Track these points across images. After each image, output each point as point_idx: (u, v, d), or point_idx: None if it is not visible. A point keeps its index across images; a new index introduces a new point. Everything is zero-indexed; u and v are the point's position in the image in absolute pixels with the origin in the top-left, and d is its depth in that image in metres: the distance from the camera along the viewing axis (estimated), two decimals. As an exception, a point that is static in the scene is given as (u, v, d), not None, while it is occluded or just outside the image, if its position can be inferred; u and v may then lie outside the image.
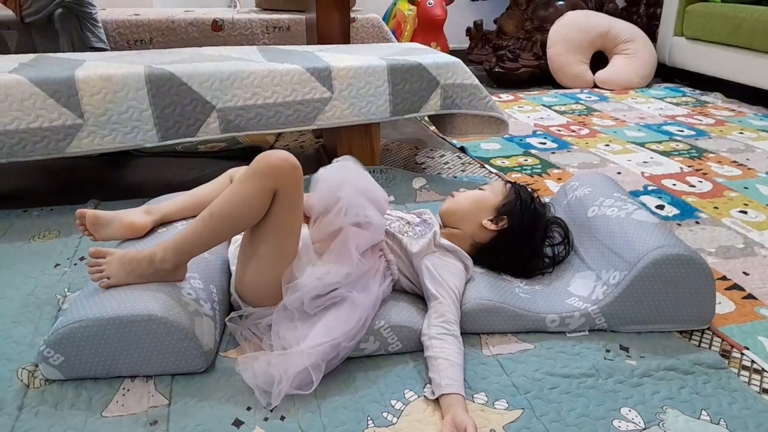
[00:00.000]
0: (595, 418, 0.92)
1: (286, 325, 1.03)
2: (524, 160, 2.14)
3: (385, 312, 1.09)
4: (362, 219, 1.09)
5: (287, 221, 1.04)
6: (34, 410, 0.93)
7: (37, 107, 1.49)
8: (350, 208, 1.08)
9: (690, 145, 2.30)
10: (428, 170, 2.05)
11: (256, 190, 1.00)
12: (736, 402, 0.96)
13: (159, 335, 0.98)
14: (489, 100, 1.84)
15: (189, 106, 1.59)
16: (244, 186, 1.01)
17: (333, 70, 1.68)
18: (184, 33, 2.68)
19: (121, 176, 2.03)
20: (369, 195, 1.14)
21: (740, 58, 2.98)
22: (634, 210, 1.25)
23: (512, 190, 1.27)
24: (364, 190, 1.13)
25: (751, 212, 1.70)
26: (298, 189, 1.04)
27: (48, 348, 0.97)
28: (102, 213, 1.20)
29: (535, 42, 3.45)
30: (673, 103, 3.00)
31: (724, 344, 1.12)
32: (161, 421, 0.91)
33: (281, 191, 1.01)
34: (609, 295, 1.12)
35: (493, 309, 1.12)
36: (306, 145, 2.35)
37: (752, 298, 1.28)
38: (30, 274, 1.31)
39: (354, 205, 1.09)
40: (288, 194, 1.02)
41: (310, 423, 0.91)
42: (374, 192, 1.16)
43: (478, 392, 0.98)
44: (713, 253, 1.47)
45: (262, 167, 1.01)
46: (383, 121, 1.77)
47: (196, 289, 1.08)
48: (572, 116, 2.75)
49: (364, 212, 1.10)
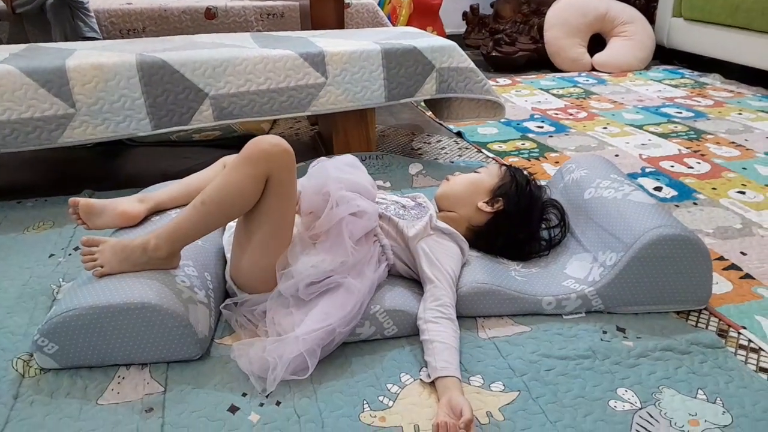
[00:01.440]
0: (592, 399, 0.92)
1: (281, 312, 1.03)
2: (521, 144, 2.13)
3: (380, 296, 1.09)
4: (355, 209, 1.09)
5: (281, 207, 1.03)
6: (30, 399, 0.93)
7: (29, 97, 1.48)
8: (340, 202, 1.08)
9: (688, 127, 2.29)
10: (425, 156, 2.04)
11: (248, 176, 0.99)
12: (733, 381, 0.96)
13: (153, 323, 0.97)
14: (485, 84, 1.82)
15: (182, 94, 1.57)
16: (236, 172, 1.00)
17: (327, 55, 1.66)
18: (177, 21, 2.65)
19: (115, 166, 2.02)
20: (355, 186, 1.14)
21: (739, 39, 2.96)
22: (630, 191, 1.24)
23: (507, 172, 1.26)
24: (348, 183, 1.13)
25: (749, 192, 1.69)
26: (291, 174, 1.03)
27: (42, 337, 0.96)
28: (95, 201, 1.19)
29: (532, 26, 3.42)
30: (671, 85, 2.98)
31: (721, 324, 1.11)
32: (157, 408, 0.91)
33: (274, 177, 1.00)
34: (605, 277, 1.12)
35: (489, 292, 1.11)
36: (301, 132, 2.34)
37: (750, 278, 1.27)
38: (25, 264, 1.30)
39: (343, 198, 1.08)
40: (281, 179, 1.01)
41: (306, 408, 0.91)
42: (359, 182, 1.15)
43: (474, 375, 0.98)
44: (711, 234, 1.46)
45: (254, 153, 1.00)
46: (378, 106, 1.76)
47: (191, 276, 1.07)
48: (570, 99, 2.73)
49: (355, 203, 1.09)
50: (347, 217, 1.08)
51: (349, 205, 1.08)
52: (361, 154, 1.83)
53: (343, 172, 1.16)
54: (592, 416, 0.89)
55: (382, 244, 1.14)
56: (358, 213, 1.09)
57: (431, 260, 1.10)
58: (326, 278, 1.04)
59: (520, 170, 1.28)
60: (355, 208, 1.09)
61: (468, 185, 1.26)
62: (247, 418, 0.89)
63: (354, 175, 1.17)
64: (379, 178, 1.76)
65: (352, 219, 1.08)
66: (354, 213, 1.09)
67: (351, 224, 1.08)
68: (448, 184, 1.29)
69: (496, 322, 1.11)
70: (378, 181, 1.74)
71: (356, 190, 1.13)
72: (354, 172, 1.18)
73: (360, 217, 1.09)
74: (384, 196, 1.24)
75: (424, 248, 1.12)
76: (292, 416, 0.90)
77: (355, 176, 1.17)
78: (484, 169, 1.32)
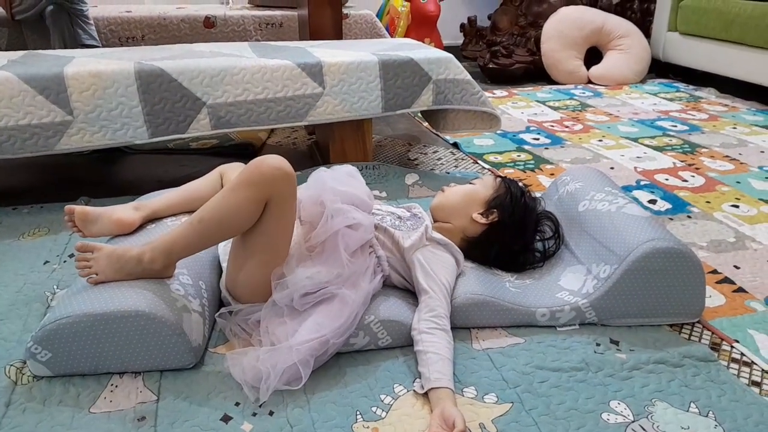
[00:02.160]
0: (584, 412, 0.92)
1: (276, 321, 1.03)
2: (517, 156, 2.14)
3: (374, 307, 1.09)
4: (351, 221, 1.09)
5: (279, 227, 1.04)
6: (22, 407, 0.93)
7: (26, 104, 1.48)
8: (336, 215, 1.08)
9: (683, 140, 2.31)
10: (421, 166, 2.04)
11: (247, 199, 0.99)
12: (725, 394, 0.96)
13: (147, 331, 0.97)
14: (481, 96, 1.84)
15: (179, 102, 1.58)
16: (235, 194, 1.00)
17: (324, 65, 1.67)
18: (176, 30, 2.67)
19: (111, 173, 2.02)
20: (350, 198, 1.14)
21: (734, 54, 2.99)
22: (625, 204, 1.25)
23: (502, 183, 1.27)
24: (344, 195, 1.13)
25: (742, 206, 1.70)
26: (291, 197, 1.03)
27: (35, 344, 0.96)
28: (91, 209, 1.19)
29: (529, 38, 3.45)
30: (666, 98, 3.00)
31: (714, 337, 1.12)
32: (149, 416, 0.91)
33: (274, 200, 1.00)
34: (599, 289, 1.12)
35: (483, 303, 1.11)
36: (298, 141, 2.35)
37: (743, 292, 1.28)
38: (19, 271, 1.30)
39: (338, 211, 1.09)
40: (280, 203, 1.01)
41: (299, 418, 0.91)
42: (355, 194, 1.16)
43: (467, 386, 0.98)
44: (705, 247, 1.47)
45: (255, 176, 1.00)
46: (375, 116, 1.77)
47: (185, 284, 1.07)
48: (566, 112, 2.75)
49: (350, 215, 1.10)
50: (343, 229, 1.08)
51: (344, 218, 1.09)
52: (358, 164, 1.84)
53: (341, 183, 1.16)
54: (585, 428, 0.89)
55: (378, 255, 1.14)
56: (353, 225, 1.10)
57: (426, 271, 1.10)
58: (321, 289, 1.04)
59: (515, 182, 1.29)
60: (351, 220, 1.09)
61: (463, 196, 1.27)
62: (239, 428, 0.89)
63: (351, 186, 1.18)
64: (376, 188, 1.76)
65: (348, 231, 1.09)
66: (350, 225, 1.09)
67: (346, 236, 1.08)
68: (444, 195, 1.29)
69: (490, 334, 1.11)
70: (374, 191, 1.75)
71: (352, 201, 1.14)
72: (351, 182, 1.19)
73: (356, 229, 1.10)
74: (380, 207, 1.24)
75: (419, 259, 1.12)
76: (285, 426, 0.89)
77: (352, 187, 1.17)
78: (479, 180, 1.32)
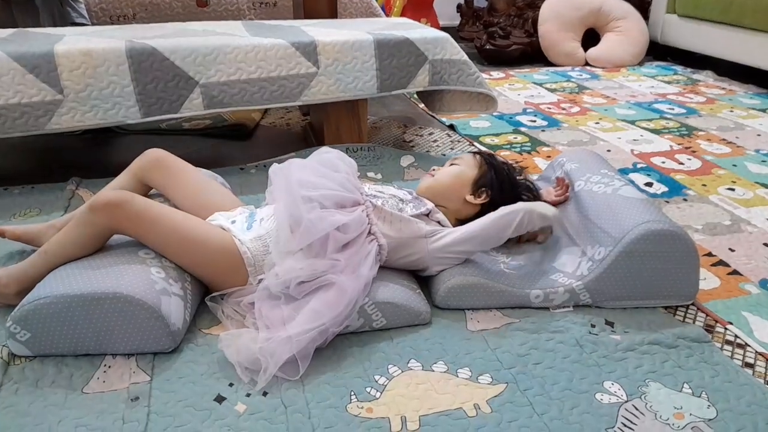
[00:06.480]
0: (578, 392, 0.93)
1: (269, 303, 1.02)
2: (514, 138, 2.13)
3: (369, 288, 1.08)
4: (336, 224, 1.06)
5: (158, 230, 1.07)
6: (14, 387, 0.92)
7: (16, 83, 1.46)
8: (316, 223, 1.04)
9: (680, 123, 2.30)
10: (417, 148, 2.03)
11: (86, 235, 1.07)
12: (718, 375, 0.97)
13: (125, 313, 0.96)
14: (477, 76, 1.82)
15: (171, 81, 1.56)
16: (76, 229, 1.08)
17: (318, 44, 1.65)
18: (168, 8, 2.62)
19: (103, 154, 2.00)
20: (326, 187, 1.11)
21: (732, 36, 2.96)
22: (620, 186, 1.24)
23: (483, 161, 1.27)
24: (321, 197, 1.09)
25: (738, 189, 1.70)
26: (137, 216, 1.06)
27: (14, 324, 0.96)
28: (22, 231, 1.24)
29: (526, 19, 3.42)
30: (664, 81, 2.98)
31: (708, 319, 1.12)
32: (143, 397, 0.91)
33: (120, 228, 1.07)
34: (594, 271, 1.12)
35: (477, 285, 1.11)
36: (293, 122, 2.32)
37: (737, 274, 1.28)
38: (11, 250, 1.29)
39: (316, 221, 1.05)
40: (130, 228, 1.07)
41: (293, 398, 0.91)
42: (329, 183, 1.12)
43: (462, 367, 0.98)
44: (700, 230, 1.47)
45: (85, 217, 1.07)
46: (370, 97, 1.75)
47: (166, 267, 1.07)
48: (563, 94, 2.73)
49: (332, 219, 1.06)
50: (331, 232, 1.05)
51: (326, 222, 1.05)
52: (353, 145, 1.82)
53: (310, 172, 1.14)
54: (579, 408, 0.89)
55: (380, 243, 1.12)
56: (341, 228, 1.07)
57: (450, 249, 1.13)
58: (318, 277, 1.02)
59: (493, 156, 1.30)
60: (336, 223, 1.06)
61: (454, 179, 1.26)
62: (233, 408, 0.89)
63: (326, 177, 1.14)
64: (371, 170, 1.75)
65: (335, 233, 1.06)
66: (337, 228, 1.06)
67: (333, 240, 1.05)
68: (434, 179, 1.28)
69: (484, 315, 1.11)
70: (369, 173, 1.74)
71: (330, 194, 1.11)
72: (324, 175, 1.15)
73: (344, 231, 1.07)
74: (381, 190, 1.22)
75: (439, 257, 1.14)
76: (279, 407, 0.89)
77: (323, 173, 1.14)
78: (460, 160, 1.30)
